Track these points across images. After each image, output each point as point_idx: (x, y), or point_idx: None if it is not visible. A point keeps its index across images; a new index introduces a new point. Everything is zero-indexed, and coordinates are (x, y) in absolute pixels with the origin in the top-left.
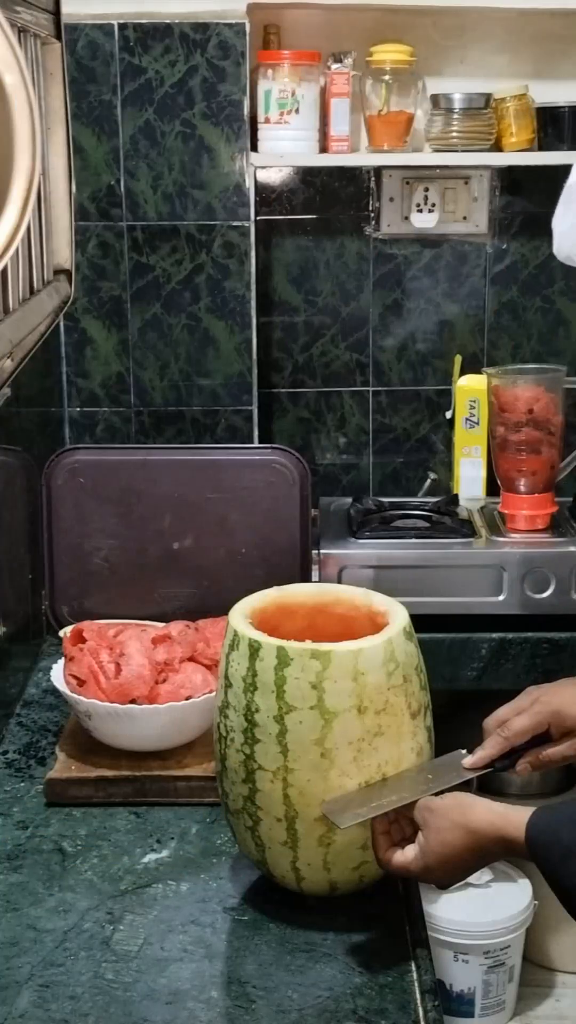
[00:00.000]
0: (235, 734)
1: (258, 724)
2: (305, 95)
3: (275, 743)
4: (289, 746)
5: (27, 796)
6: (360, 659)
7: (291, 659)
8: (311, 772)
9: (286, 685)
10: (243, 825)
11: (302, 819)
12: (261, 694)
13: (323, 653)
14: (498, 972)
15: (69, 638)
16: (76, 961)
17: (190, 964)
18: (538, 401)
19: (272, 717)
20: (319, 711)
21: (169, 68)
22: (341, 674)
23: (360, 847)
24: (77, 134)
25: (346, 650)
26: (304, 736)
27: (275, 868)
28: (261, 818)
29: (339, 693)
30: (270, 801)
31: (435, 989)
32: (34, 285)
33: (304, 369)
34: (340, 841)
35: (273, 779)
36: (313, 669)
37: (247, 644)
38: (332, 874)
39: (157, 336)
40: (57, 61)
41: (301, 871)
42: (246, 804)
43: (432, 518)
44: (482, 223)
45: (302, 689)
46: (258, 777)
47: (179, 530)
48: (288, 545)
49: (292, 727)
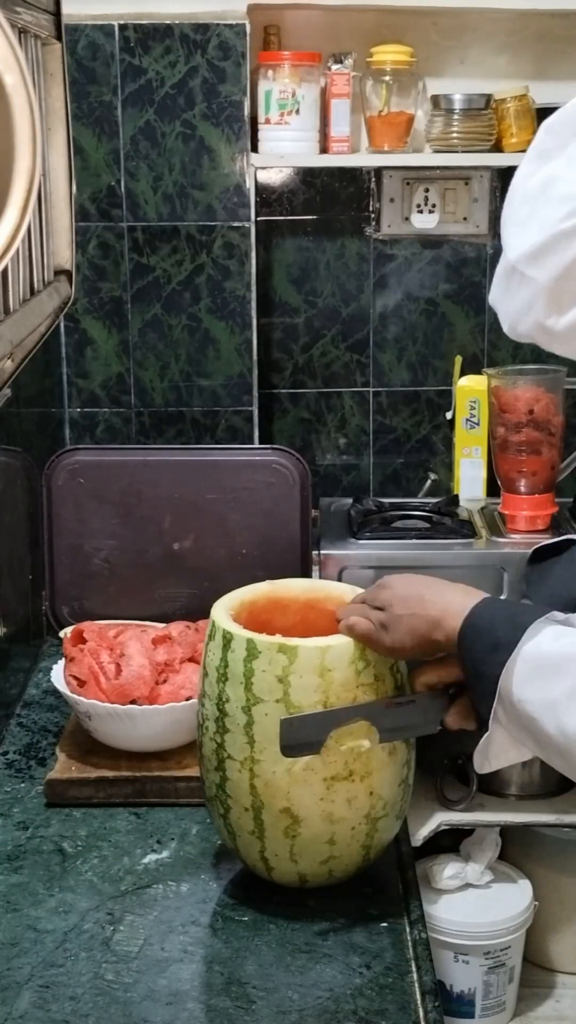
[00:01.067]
0: (209, 723)
1: (228, 714)
2: (305, 96)
3: (243, 733)
4: (256, 737)
5: (27, 797)
6: (327, 656)
7: (259, 652)
8: (276, 764)
9: (254, 677)
10: (216, 812)
11: (268, 810)
12: (231, 685)
13: (290, 648)
14: (498, 973)
15: (69, 639)
16: (76, 962)
17: (190, 965)
18: (538, 402)
19: (240, 708)
20: (284, 704)
21: (169, 69)
22: (307, 670)
23: (327, 842)
24: (77, 135)
25: (313, 646)
26: (269, 728)
27: (246, 857)
28: (231, 806)
29: (304, 688)
30: (238, 790)
31: (435, 990)
32: (34, 286)
33: (304, 370)
34: (305, 835)
35: (241, 769)
36: (280, 663)
37: (221, 635)
38: (300, 866)
39: (157, 337)
40: (58, 62)
41: (269, 861)
42: (218, 792)
43: (432, 519)
44: (482, 224)
45: (268, 682)
46: (227, 766)
47: (179, 531)
48: (288, 546)
49: (259, 719)
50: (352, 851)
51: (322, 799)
